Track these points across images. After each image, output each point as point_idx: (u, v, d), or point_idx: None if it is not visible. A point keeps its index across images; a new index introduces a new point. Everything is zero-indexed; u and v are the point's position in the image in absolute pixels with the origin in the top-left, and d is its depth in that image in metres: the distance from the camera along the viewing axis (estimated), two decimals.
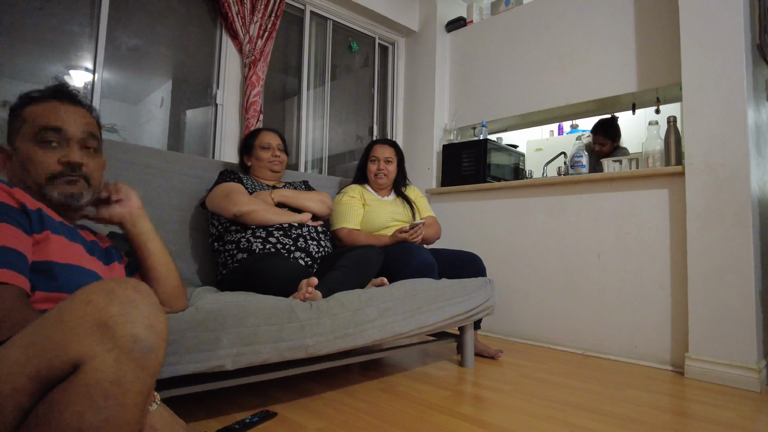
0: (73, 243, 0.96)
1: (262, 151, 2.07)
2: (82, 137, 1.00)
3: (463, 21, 3.40)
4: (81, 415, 0.60)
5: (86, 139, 1.01)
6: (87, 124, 1.02)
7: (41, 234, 0.88)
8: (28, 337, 0.65)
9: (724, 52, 2.00)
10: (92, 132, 1.02)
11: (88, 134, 1.01)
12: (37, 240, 0.88)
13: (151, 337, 0.66)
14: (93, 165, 1.02)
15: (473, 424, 1.39)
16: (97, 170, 1.04)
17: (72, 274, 0.91)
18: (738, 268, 1.91)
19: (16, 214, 0.86)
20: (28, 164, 0.95)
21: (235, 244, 1.80)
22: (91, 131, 1.02)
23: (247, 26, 2.62)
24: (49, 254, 0.89)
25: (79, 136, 0.99)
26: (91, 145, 1.02)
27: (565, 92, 2.75)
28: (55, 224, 0.93)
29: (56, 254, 0.90)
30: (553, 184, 2.64)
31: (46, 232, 0.89)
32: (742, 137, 1.93)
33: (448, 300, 1.82)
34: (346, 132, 3.47)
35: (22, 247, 0.83)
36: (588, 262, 2.46)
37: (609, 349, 2.34)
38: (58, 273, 0.89)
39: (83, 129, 1.00)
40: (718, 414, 1.56)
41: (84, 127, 1.00)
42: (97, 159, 1.04)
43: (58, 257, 0.90)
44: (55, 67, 2.15)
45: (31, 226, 0.87)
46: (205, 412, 1.40)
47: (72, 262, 0.92)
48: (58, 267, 0.89)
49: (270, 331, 1.27)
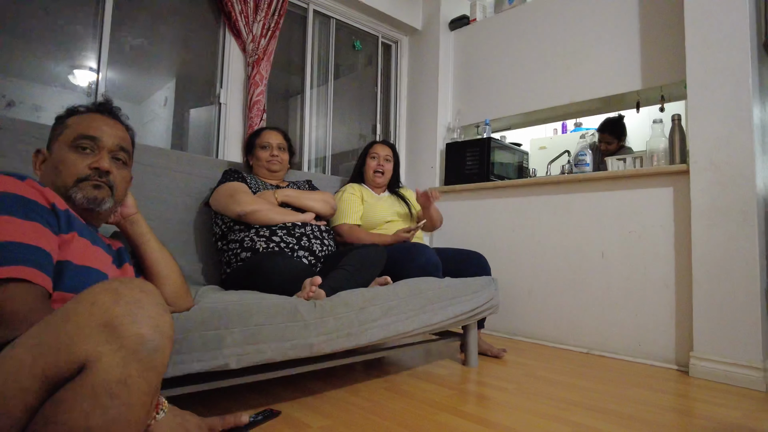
0: (95, 246, 0.98)
1: (261, 150, 2.07)
2: (114, 149, 1.05)
3: (467, 19, 3.39)
4: (87, 414, 0.61)
5: (117, 151, 1.06)
6: (121, 138, 1.07)
7: (68, 235, 0.91)
8: (35, 338, 0.65)
9: (729, 49, 1.98)
10: (124, 146, 1.08)
11: (120, 147, 1.06)
12: (64, 240, 0.90)
13: (157, 337, 0.67)
14: (120, 176, 1.06)
15: (477, 423, 1.39)
16: (123, 182, 1.08)
17: (90, 276, 0.93)
18: (743, 266, 1.90)
19: (46, 213, 0.87)
20: (60, 166, 0.99)
21: (238, 243, 1.81)
22: (123, 145, 1.07)
23: (250, 25, 2.62)
24: (72, 255, 0.91)
25: (111, 147, 1.04)
26: (122, 157, 1.07)
27: (569, 90, 2.74)
28: (82, 226, 0.96)
29: (79, 256, 0.92)
30: (557, 182, 2.63)
31: (73, 234, 0.92)
32: (748, 135, 1.92)
33: (451, 299, 1.81)
34: (350, 131, 3.47)
35: (48, 246, 0.85)
36: (592, 261, 2.45)
37: (613, 347, 2.34)
38: (78, 274, 0.90)
39: (116, 142, 1.05)
40: (723, 413, 1.55)
41: (118, 140, 1.06)
42: (124, 172, 1.09)
43: (80, 259, 0.92)
44: (59, 66, 2.16)
45: (59, 226, 0.89)
46: (209, 411, 1.40)
47: (92, 265, 0.94)
48: (79, 268, 0.91)
49: (274, 329, 1.27)
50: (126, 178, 1.10)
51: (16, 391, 0.62)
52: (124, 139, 1.09)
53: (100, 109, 1.09)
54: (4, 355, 0.65)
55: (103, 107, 1.10)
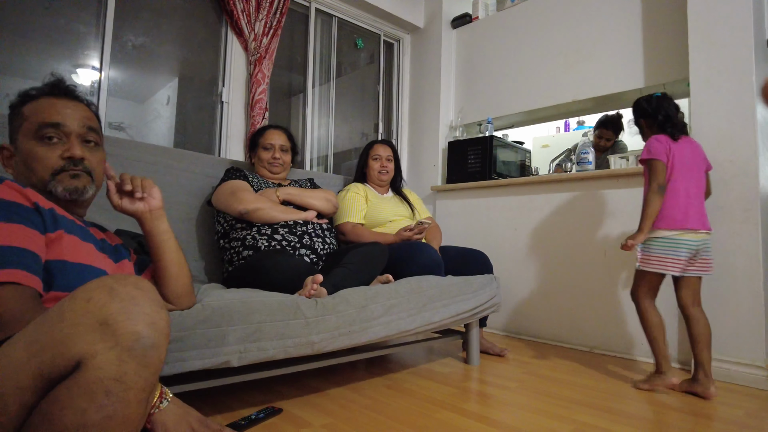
0: (85, 242, 0.96)
1: (264, 151, 2.07)
2: (82, 132, 0.99)
3: (469, 17, 3.38)
4: (84, 412, 0.61)
5: (86, 134, 1.00)
6: (86, 118, 1.01)
7: (55, 233, 0.89)
8: (30, 335, 0.65)
9: (732, 47, 1.97)
10: (92, 126, 1.02)
11: (88, 128, 1.01)
12: (51, 239, 0.88)
13: (153, 334, 0.67)
14: (95, 159, 1.02)
15: (479, 421, 1.39)
16: (99, 165, 1.03)
17: (83, 273, 0.91)
18: (746, 264, 1.89)
19: (30, 213, 0.86)
20: (31, 161, 0.95)
21: (240, 241, 1.81)
22: (90, 125, 1.01)
23: (252, 24, 2.62)
24: (61, 253, 0.89)
25: (79, 130, 0.99)
26: (92, 138, 1.02)
27: (572, 88, 2.73)
28: (69, 223, 0.93)
29: (69, 253, 0.90)
30: (560, 180, 2.62)
31: (60, 232, 0.90)
32: (751, 133, 1.91)
33: (453, 297, 1.81)
34: (352, 129, 3.47)
35: (35, 247, 0.84)
36: (594, 259, 2.44)
37: (616, 346, 2.33)
38: (70, 272, 0.89)
39: (83, 123, 0.99)
40: (725, 412, 1.54)
41: (83, 121, 1.00)
42: (98, 153, 1.03)
43: (70, 256, 0.90)
44: (62, 65, 2.16)
45: (45, 226, 0.87)
46: (211, 409, 1.41)
47: (83, 261, 0.93)
48: (70, 266, 0.89)
49: (275, 327, 1.28)
50: (101, 159, 1.04)
51: (12, 389, 0.62)
52: (90, 118, 1.02)
53: (54, 92, 1.00)
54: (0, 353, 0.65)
55: (57, 88, 1.01)
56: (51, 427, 0.61)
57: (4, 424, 0.62)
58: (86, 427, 0.61)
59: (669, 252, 1.74)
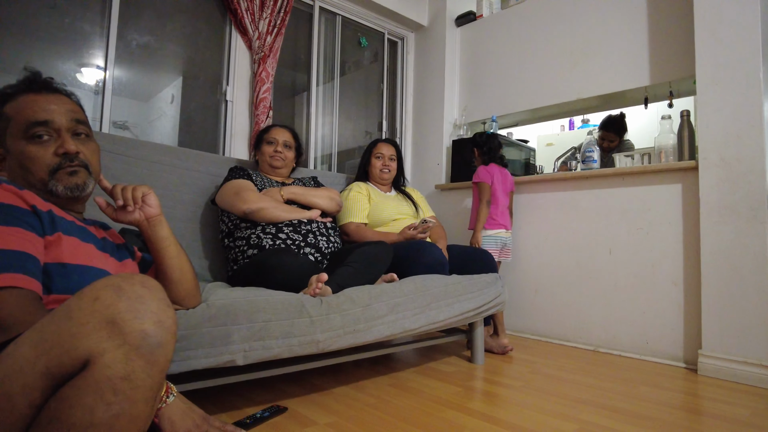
0: (85, 243, 0.95)
1: (267, 145, 2.08)
2: (71, 126, 0.97)
3: (473, 15, 3.37)
4: (91, 410, 0.61)
5: (76, 127, 0.98)
6: (72, 111, 0.99)
7: (53, 235, 0.88)
8: (38, 335, 0.65)
9: (739, 44, 1.96)
10: (79, 118, 1.00)
11: (76, 121, 0.99)
12: (50, 241, 0.87)
13: (160, 332, 0.67)
14: (89, 151, 1.00)
15: (483, 420, 1.39)
16: (93, 155, 1.02)
17: (84, 275, 0.90)
18: (753, 263, 1.88)
19: (28, 216, 0.85)
20: (26, 162, 0.93)
21: (245, 240, 1.81)
22: (77, 118, 0.99)
23: (256, 22, 2.62)
24: (61, 255, 0.88)
25: (68, 125, 0.97)
26: (82, 131, 1.00)
27: (577, 86, 2.72)
28: (67, 225, 0.92)
29: (68, 255, 0.89)
30: (564, 179, 2.62)
31: (58, 234, 0.89)
32: (758, 131, 1.90)
33: (458, 296, 1.81)
34: (356, 128, 3.47)
35: (34, 250, 0.83)
36: (599, 258, 2.44)
37: (621, 345, 2.32)
38: (71, 274, 0.88)
39: (70, 117, 0.97)
40: (731, 411, 1.54)
41: (70, 115, 0.98)
42: (91, 145, 1.02)
43: (70, 258, 0.89)
44: (66, 64, 2.17)
45: (43, 228, 0.87)
46: (216, 407, 1.41)
47: (84, 263, 0.92)
48: (70, 268, 0.89)
49: (280, 326, 1.28)
50: (95, 149, 1.02)
51: (20, 389, 0.62)
52: (75, 111, 1.00)
53: (32, 87, 0.96)
54: (7, 353, 0.65)
55: (35, 83, 0.97)
56: (59, 426, 0.61)
57: (12, 423, 0.62)
58: (94, 425, 0.61)
59: (492, 244, 2.43)
